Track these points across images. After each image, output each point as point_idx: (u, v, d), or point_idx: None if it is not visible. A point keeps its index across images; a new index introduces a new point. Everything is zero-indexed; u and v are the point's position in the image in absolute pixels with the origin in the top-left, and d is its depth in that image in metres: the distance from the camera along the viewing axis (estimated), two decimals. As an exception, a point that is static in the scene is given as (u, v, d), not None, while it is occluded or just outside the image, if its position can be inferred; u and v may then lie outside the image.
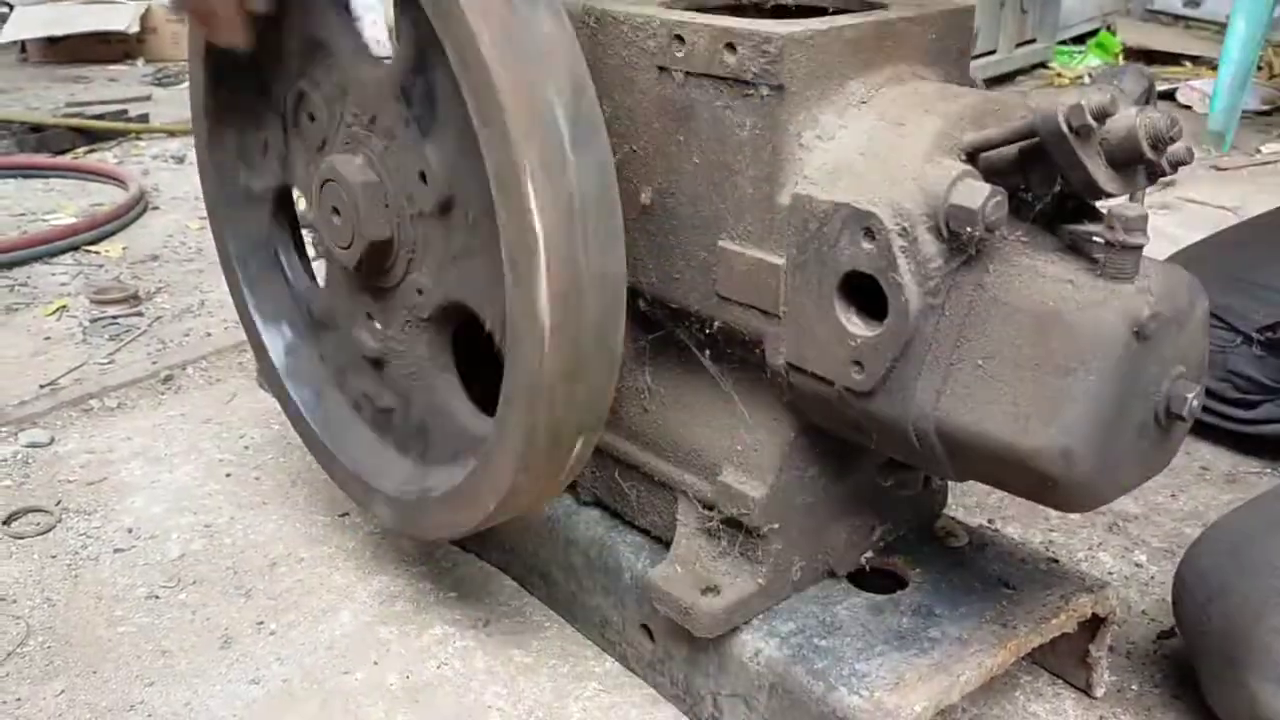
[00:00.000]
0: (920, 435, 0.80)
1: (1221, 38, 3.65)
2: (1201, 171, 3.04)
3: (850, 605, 0.98)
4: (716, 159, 0.87)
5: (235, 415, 1.61)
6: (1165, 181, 2.81)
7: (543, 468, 0.88)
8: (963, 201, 0.74)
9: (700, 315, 0.93)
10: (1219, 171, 3.03)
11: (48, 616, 1.17)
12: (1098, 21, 4.92)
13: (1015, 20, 4.15)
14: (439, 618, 1.17)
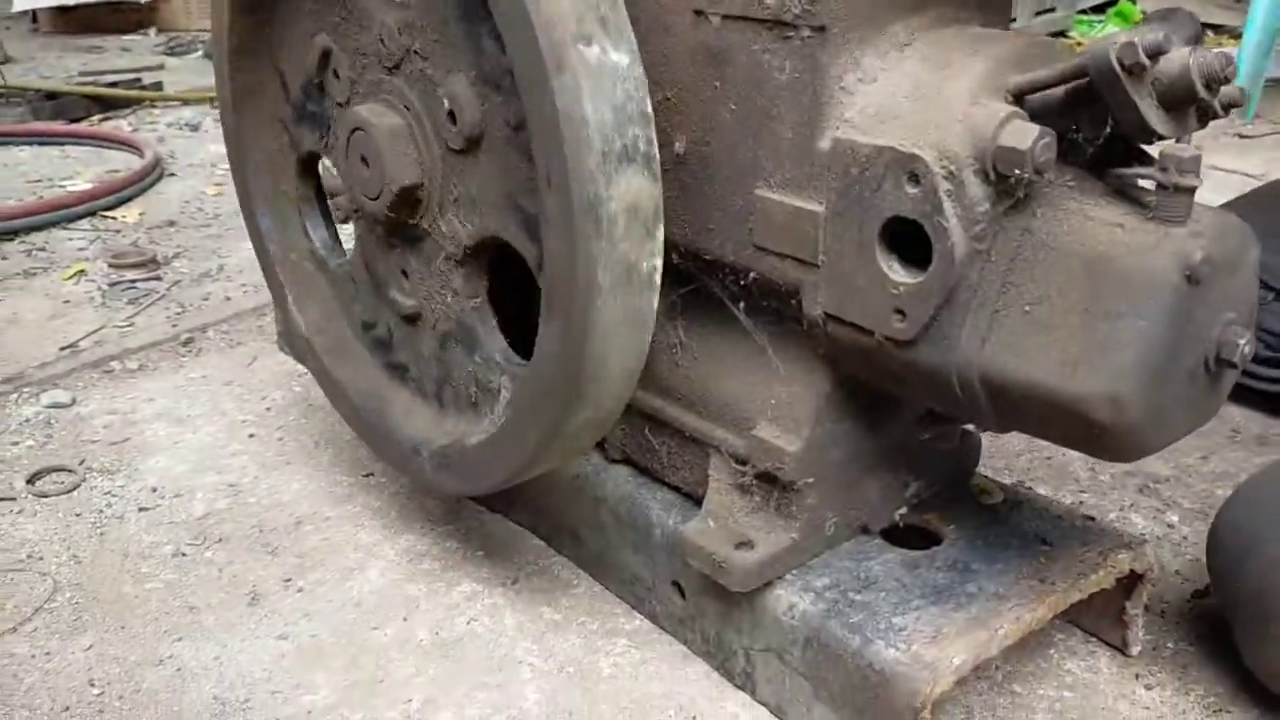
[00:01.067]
0: (964, 384, 0.78)
1: (1244, 6, 3.60)
2: (1225, 139, 3.01)
3: (885, 561, 0.97)
4: (754, 105, 0.85)
5: (256, 377, 1.61)
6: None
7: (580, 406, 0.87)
8: (1012, 143, 0.72)
9: (735, 266, 0.92)
10: (1242, 139, 3.00)
11: (74, 573, 1.17)
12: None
13: (1034, -12, 4.11)
14: (467, 575, 1.17)
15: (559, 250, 0.81)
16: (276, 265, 1.17)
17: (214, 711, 0.99)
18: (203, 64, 4.15)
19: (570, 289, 0.80)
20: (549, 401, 0.87)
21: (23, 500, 1.30)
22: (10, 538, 1.23)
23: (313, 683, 1.02)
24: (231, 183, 2.37)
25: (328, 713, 0.99)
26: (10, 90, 3.18)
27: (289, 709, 0.99)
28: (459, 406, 1.01)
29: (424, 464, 1.05)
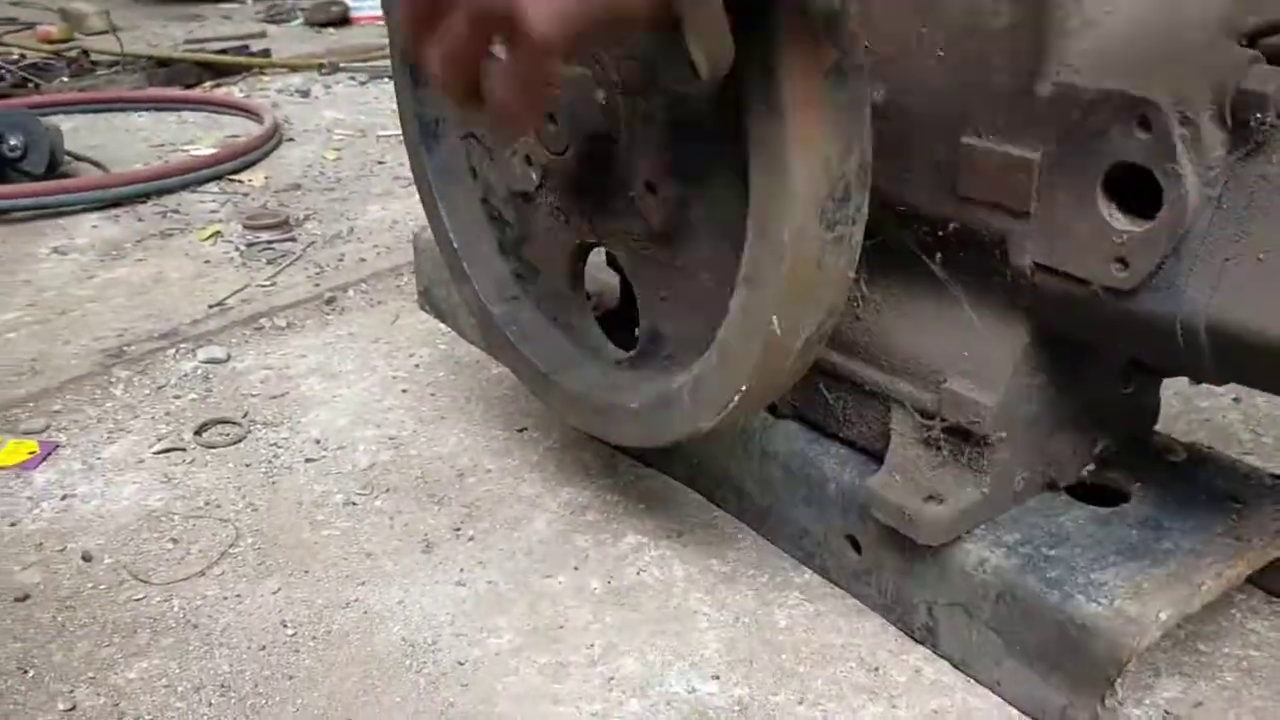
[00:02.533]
0: (1188, 334, 0.77)
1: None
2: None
3: (1074, 517, 0.96)
4: (965, 51, 0.84)
5: (402, 335, 1.63)
6: None
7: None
8: (1255, 86, 0.70)
9: (934, 217, 0.91)
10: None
11: (253, 520, 1.21)
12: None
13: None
14: (631, 528, 1.18)
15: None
16: (516, 343, 1.19)
17: (404, 652, 1.01)
18: (303, 31, 4.22)
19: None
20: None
21: (193, 450, 1.35)
22: (186, 485, 1.27)
23: (496, 626, 1.04)
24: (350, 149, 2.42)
25: (514, 655, 1.01)
26: (126, 58, 3.26)
27: (476, 651, 1.01)
28: (661, 360, 1.00)
29: (623, 426, 1.07)
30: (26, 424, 1.40)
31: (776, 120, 0.77)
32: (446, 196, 1.23)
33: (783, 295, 0.83)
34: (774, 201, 0.80)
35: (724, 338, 0.90)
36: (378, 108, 3.00)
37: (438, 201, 1.23)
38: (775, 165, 0.79)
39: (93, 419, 1.42)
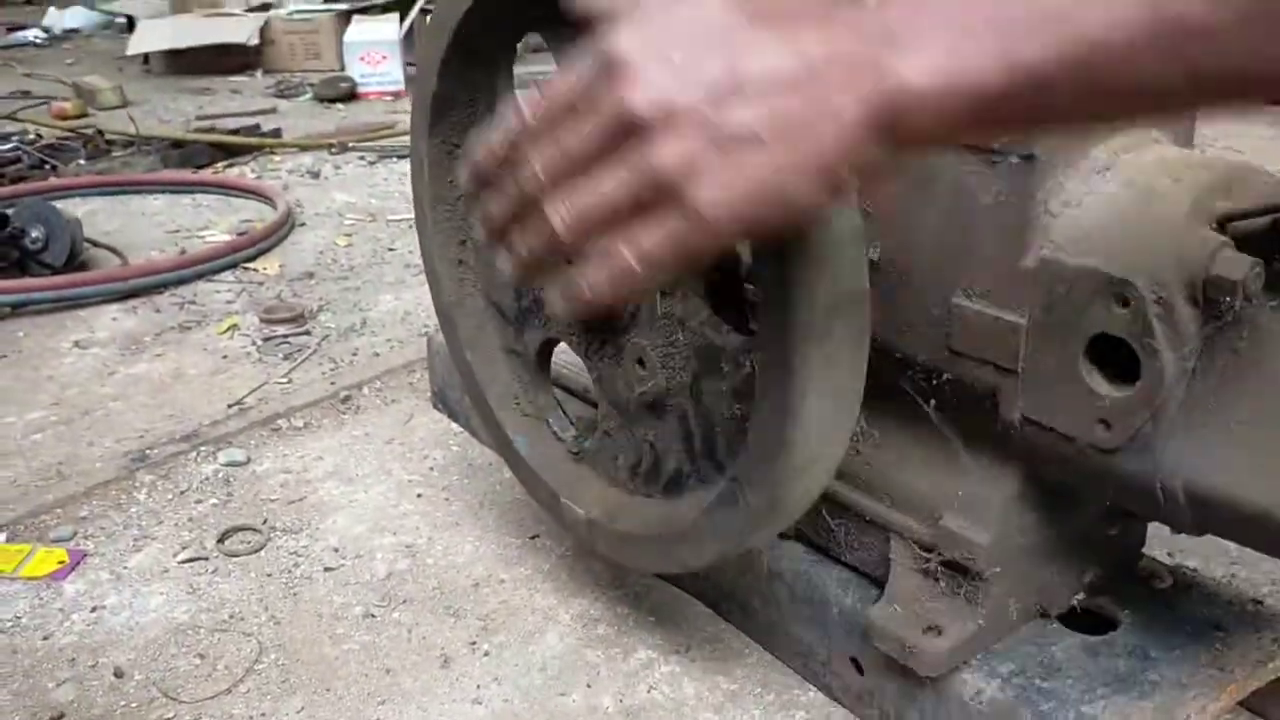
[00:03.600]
0: (1167, 494, 0.83)
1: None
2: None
3: (1066, 646, 1.01)
4: (956, 221, 0.90)
5: (415, 435, 1.69)
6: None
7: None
8: (1224, 273, 0.76)
9: (928, 367, 0.97)
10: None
11: (276, 634, 1.25)
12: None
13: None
14: (641, 642, 1.23)
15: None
16: (541, 475, 1.21)
17: (425, 774, 1.06)
18: (313, 106, 4.31)
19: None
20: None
21: (215, 559, 1.39)
22: (211, 596, 1.32)
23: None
24: (361, 234, 2.50)
25: (531, 778, 1.05)
26: (140, 138, 3.34)
27: (495, 774, 1.06)
28: (732, 446, 1.01)
29: (642, 552, 1.10)
30: (55, 531, 1.45)
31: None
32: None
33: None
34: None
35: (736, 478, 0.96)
36: (387, 190, 3.08)
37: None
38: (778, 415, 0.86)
39: (119, 525, 1.47)
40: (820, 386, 0.85)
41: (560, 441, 1.23)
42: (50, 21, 6.61)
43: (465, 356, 1.28)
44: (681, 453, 1.05)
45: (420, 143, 1.23)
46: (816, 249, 0.79)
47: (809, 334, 0.82)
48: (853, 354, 0.86)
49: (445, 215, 1.26)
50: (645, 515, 1.10)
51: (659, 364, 1.03)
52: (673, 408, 1.04)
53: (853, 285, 0.83)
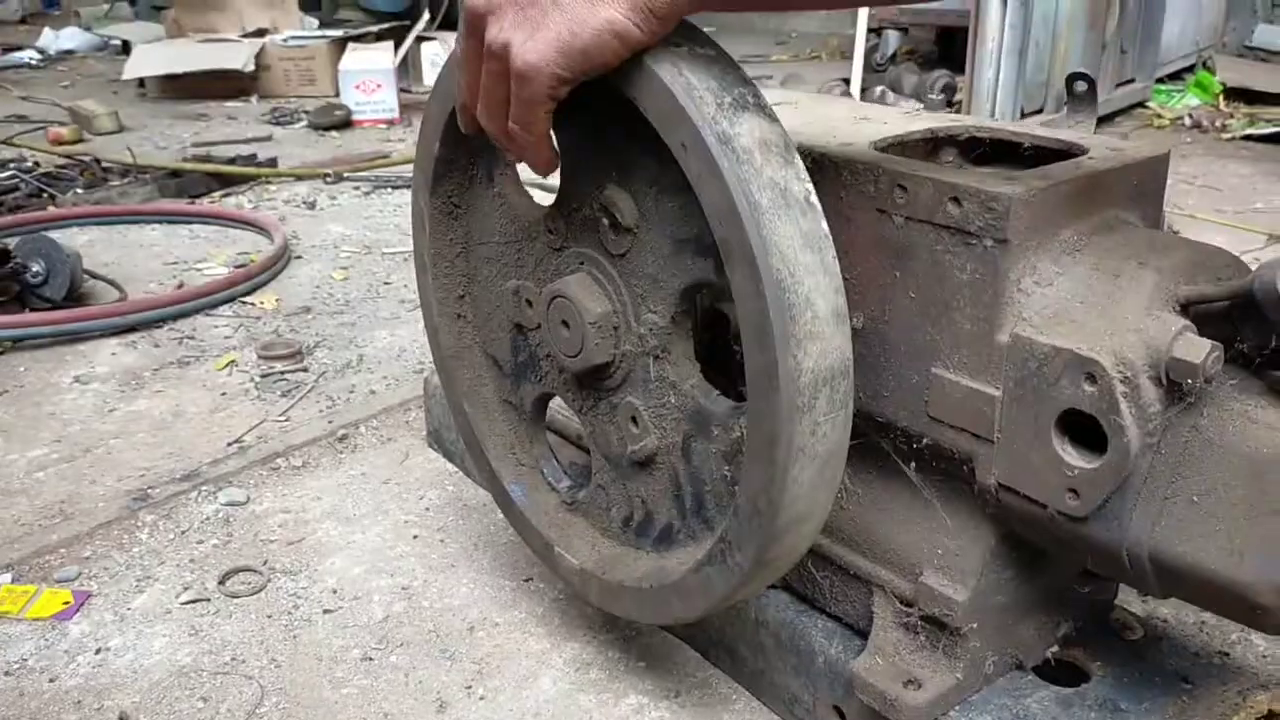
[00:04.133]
0: (1133, 559, 0.87)
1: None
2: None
3: (1040, 699, 1.05)
4: (933, 295, 0.95)
5: (411, 475, 1.73)
6: (1277, 236, 2.83)
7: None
8: (1185, 356, 0.81)
9: (908, 432, 1.01)
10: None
11: (276, 677, 1.29)
12: (1193, 57, 4.93)
13: (1115, 61, 4.17)
14: (632, 687, 1.27)
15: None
16: (535, 524, 1.25)
17: (423, 819, 1.09)
18: (308, 134, 4.35)
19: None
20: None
21: (217, 601, 1.43)
22: (213, 639, 1.35)
23: (508, 793, 1.12)
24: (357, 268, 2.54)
25: (525, 823, 1.09)
26: (136, 168, 3.38)
27: (490, 818, 1.09)
28: (721, 506, 1.05)
29: (626, 603, 1.14)
30: (60, 571, 1.48)
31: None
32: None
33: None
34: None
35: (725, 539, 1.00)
36: (382, 222, 3.12)
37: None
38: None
39: (122, 566, 1.50)
40: (806, 454, 0.89)
41: (554, 491, 1.27)
42: (45, 42, 6.65)
43: (463, 406, 1.32)
44: (672, 509, 1.09)
45: (421, 200, 1.27)
46: (803, 331, 0.84)
47: (795, 407, 0.86)
48: (837, 422, 0.91)
49: (445, 270, 1.30)
50: (637, 567, 1.14)
51: (651, 424, 1.07)
52: (664, 465, 1.09)
53: (837, 361, 0.88)
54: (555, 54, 0.84)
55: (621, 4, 0.83)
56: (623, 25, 0.83)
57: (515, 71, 0.87)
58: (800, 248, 0.85)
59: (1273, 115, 4.16)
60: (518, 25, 0.86)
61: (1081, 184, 0.92)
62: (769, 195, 0.84)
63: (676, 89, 0.85)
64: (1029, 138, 1.07)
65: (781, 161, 0.86)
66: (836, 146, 1.02)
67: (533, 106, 0.89)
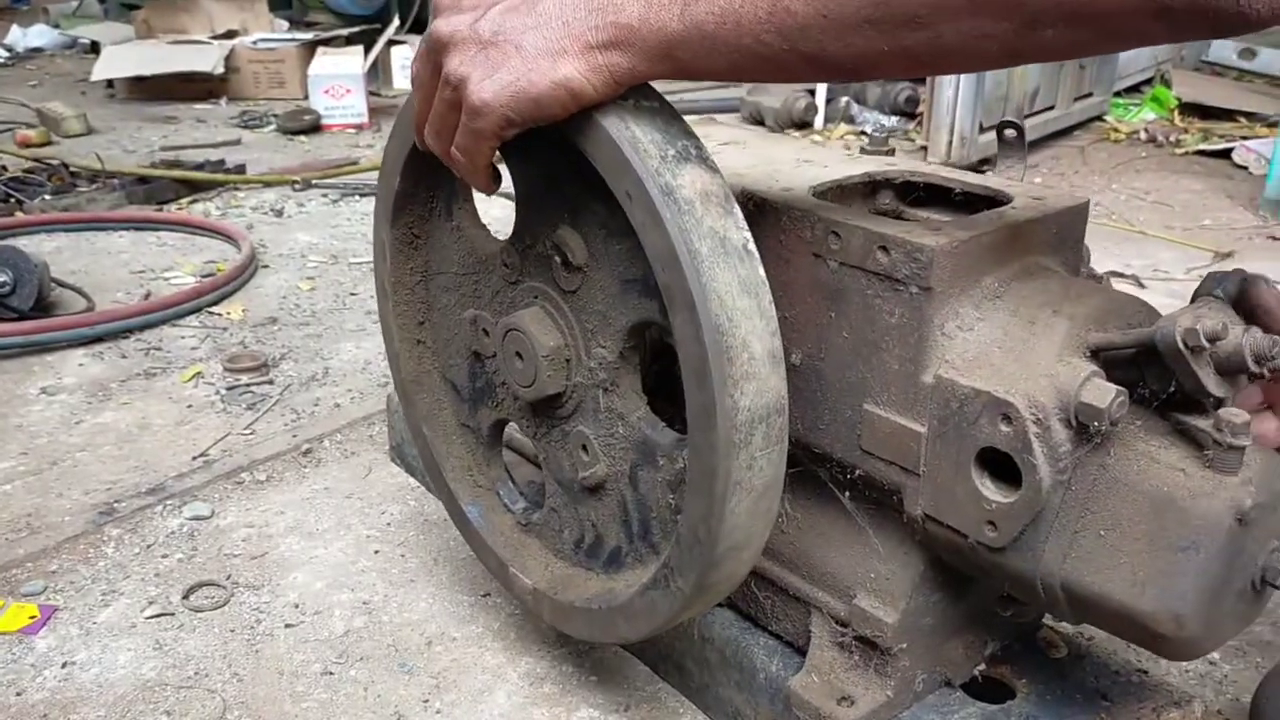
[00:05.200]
0: (1046, 589, 0.93)
1: (1279, 92, 3.72)
2: (1258, 240, 3.14)
3: (966, 715, 1.11)
4: (865, 336, 1.01)
5: (374, 490, 1.77)
6: (1222, 253, 2.92)
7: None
8: (1092, 400, 0.87)
9: (843, 463, 1.07)
10: (1275, 241, 3.13)
11: (238, 691, 1.33)
12: (1151, 71, 5.02)
13: (1074, 76, 4.25)
14: (584, 701, 1.32)
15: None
16: (490, 544, 1.30)
17: (379, 830, 1.14)
18: (277, 139, 4.37)
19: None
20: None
21: (181, 615, 1.47)
22: (177, 653, 1.39)
23: (461, 804, 1.17)
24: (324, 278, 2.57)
25: (477, 834, 1.14)
26: (105, 174, 3.39)
27: (443, 829, 1.14)
28: (666, 532, 1.09)
29: (577, 624, 1.19)
30: (26, 586, 1.51)
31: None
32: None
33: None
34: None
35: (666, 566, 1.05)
36: (349, 230, 3.15)
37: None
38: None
39: (88, 580, 1.54)
40: (743, 488, 0.95)
41: (510, 512, 1.32)
42: (13, 40, 6.60)
43: (422, 429, 1.37)
44: (620, 533, 1.14)
45: (383, 231, 1.31)
46: (740, 372, 0.89)
47: (732, 443, 0.92)
48: (772, 457, 0.96)
49: (405, 298, 1.34)
50: (587, 588, 1.19)
51: (600, 452, 1.12)
52: (613, 492, 1.14)
53: (773, 399, 0.93)
54: (508, 97, 0.88)
55: (581, 63, 0.86)
56: (579, 84, 0.86)
57: (468, 105, 0.91)
58: (738, 293, 0.90)
59: (1225, 131, 4.26)
60: (477, 62, 0.89)
61: (1003, 234, 0.98)
62: (709, 244, 0.89)
63: (623, 142, 0.90)
64: (959, 184, 1.13)
65: (721, 211, 0.91)
66: (777, 191, 1.08)
67: (479, 139, 0.93)
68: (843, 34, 0.76)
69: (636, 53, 0.85)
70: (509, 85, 0.88)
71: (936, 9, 0.73)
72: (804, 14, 0.76)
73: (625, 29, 0.84)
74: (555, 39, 0.85)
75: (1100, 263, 2.85)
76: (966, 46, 0.75)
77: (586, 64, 0.86)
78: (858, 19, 0.75)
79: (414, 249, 1.31)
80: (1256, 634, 1.44)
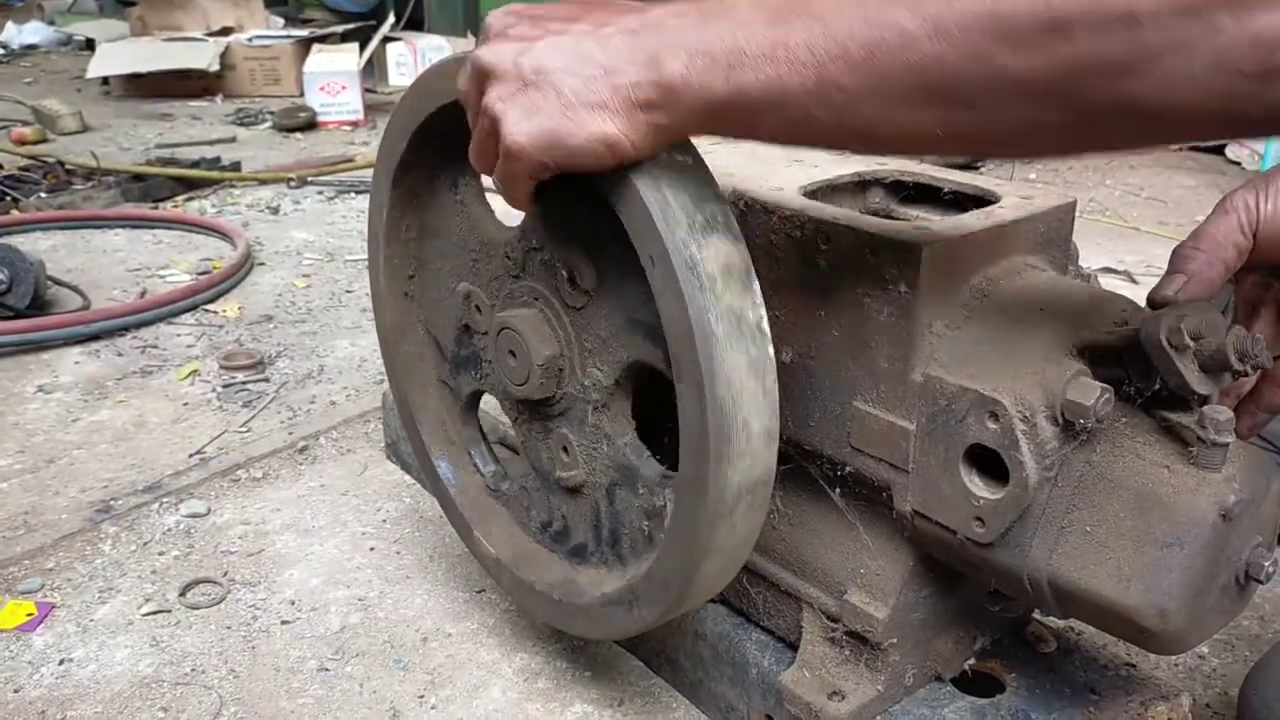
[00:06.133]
0: (1033, 584, 0.94)
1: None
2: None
3: (956, 709, 1.13)
4: (855, 334, 1.02)
5: (369, 487, 1.78)
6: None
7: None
8: (1078, 399, 0.88)
9: (833, 460, 1.08)
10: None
11: (235, 688, 1.34)
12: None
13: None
14: (578, 696, 1.33)
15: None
16: (458, 503, 1.31)
17: (374, 825, 1.15)
18: (272, 136, 4.37)
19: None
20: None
21: (178, 612, 1.48)
22: (173, 650, 1.40)
23: (456, 799, 1.18)
24: (319, 275, 2.58)
25: (472, 828, 1.15)
26: (100, 172, 3.39)
27: (438, 824, 1.15)
28: (635, 550, 1.12)
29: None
30: (24, 583, 1.52)
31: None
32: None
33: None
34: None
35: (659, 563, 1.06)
36: (345, 228, 3.16)
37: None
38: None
39: (84, 577, 1.54)
40: (718, 551, 0.97)
41: (479, 475, 1.33)
42: (8, 37, 6.60)
43: (400, 384, 1.36)
44: (589, 533, 1.16)
45: (383, 186, 1.29)
46: (736, 450, 0.90)
47: (718, 514, 0.93)
48: (750, 520, 0.98)
49: (398, 251, 1.31)
50: (549, 571, 1.20)
51: (581, 459, 1.13)
52: (588, 497, 1.15)
53: (762, 472, 0.95)
54: (545, 144, 0.83)
55: (622, 120, 0.81)
56: (616, 140, 0.82)
57: (503, 146, 0.86)
58: (746, 375, 0.90)
59: (1219, 127, 4.27)
60: (517, 100, 0.83)
61: (991, 233, 0.99)
62: (725, 325, 0.88)
63: (653, 206, 0.88)
64: (948, 183, 1.14)
65: (741, 288, 0.90)
66: (767, 190, 1.08)
67: (515, 179, 0.90)
68: (892, 112, 0.71)
69: (679, 114, 0.80)
70: (546, 134, 0.82)
71: (988, 92, 0.68)
72: (851, 89, 0.71)
73: (668, 90, 0.78)
74: (597, 90, 0.80)
75: (1093, 259, 2.87)
76: (1021, 133, 0.71)
77: (628, 121, 0.81)
78: (906, 98, 0.70)
79: (412, 207, 1.28)
80: (1244, 628, 1.46)
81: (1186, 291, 0.93)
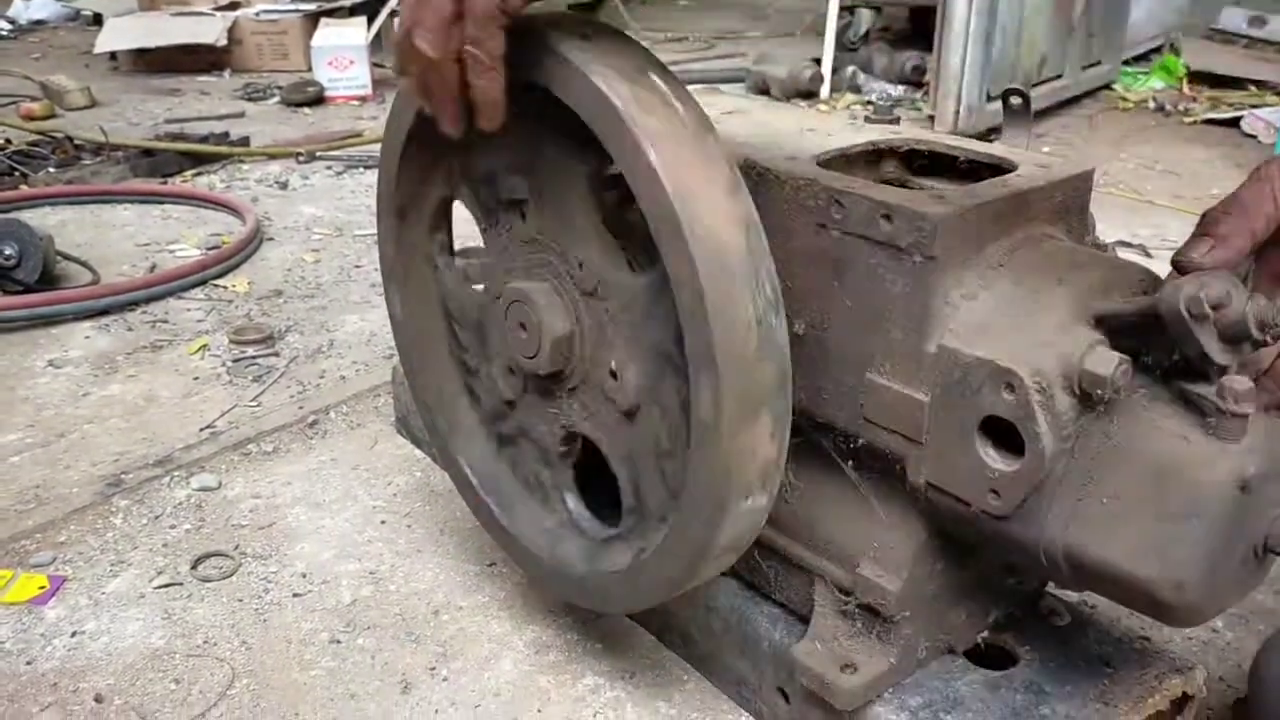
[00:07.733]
0: (1049, 556, 0.93)
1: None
2: (1268, 210, 3.11)
3: (969, 681, 1.12)
4: (868, 305, 1.00)
5: (380, 461, 1.77)
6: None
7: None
8: (1095, 369, 0.87)
9: (846, 432, 1.07)
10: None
11: (247, 660, 1.34)
12: (1161, 39, 4.98)
13: (1082, 44, 4.22)
14: (589, 668, 1.33)
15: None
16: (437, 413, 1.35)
17: (386, 796, 1.15)
18: (280, 111, 4.35)
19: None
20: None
21: (189, 585, 1.48)
22: (185, 622, 1.40)
23: (468, 770, 1.18)
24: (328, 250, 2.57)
25: (484, 799, 1.15)
26: (109, 147, 3.38)
27: (450, 795, 1.15)
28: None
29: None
30: (36, 557, 1.53)
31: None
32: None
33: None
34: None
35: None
36: (354, 203, 3.15)
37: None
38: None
39: (96, 550, 1.55)
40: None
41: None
42: (15, 12, 6.58)
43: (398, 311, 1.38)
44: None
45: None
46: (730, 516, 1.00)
47: (704, 566, 1.05)
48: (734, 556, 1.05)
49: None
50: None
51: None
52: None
53: (746, 529, 1.04)
54: None
55: None
56: None
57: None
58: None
59: (1234, 99, 4.23)
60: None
61: (1007, 202, 0.98)
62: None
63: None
64: (963, 152, 1.13)
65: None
66: (781, 160, 1.07)
67: (487, 21, 0.87)
68: None
69: None
70: None
71: None
72: None
73: None
74: None
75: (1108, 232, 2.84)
76: None
77: None
78: None
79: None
80: (1259, 601, 1.45)
81: (1213, 256, 0.91)
